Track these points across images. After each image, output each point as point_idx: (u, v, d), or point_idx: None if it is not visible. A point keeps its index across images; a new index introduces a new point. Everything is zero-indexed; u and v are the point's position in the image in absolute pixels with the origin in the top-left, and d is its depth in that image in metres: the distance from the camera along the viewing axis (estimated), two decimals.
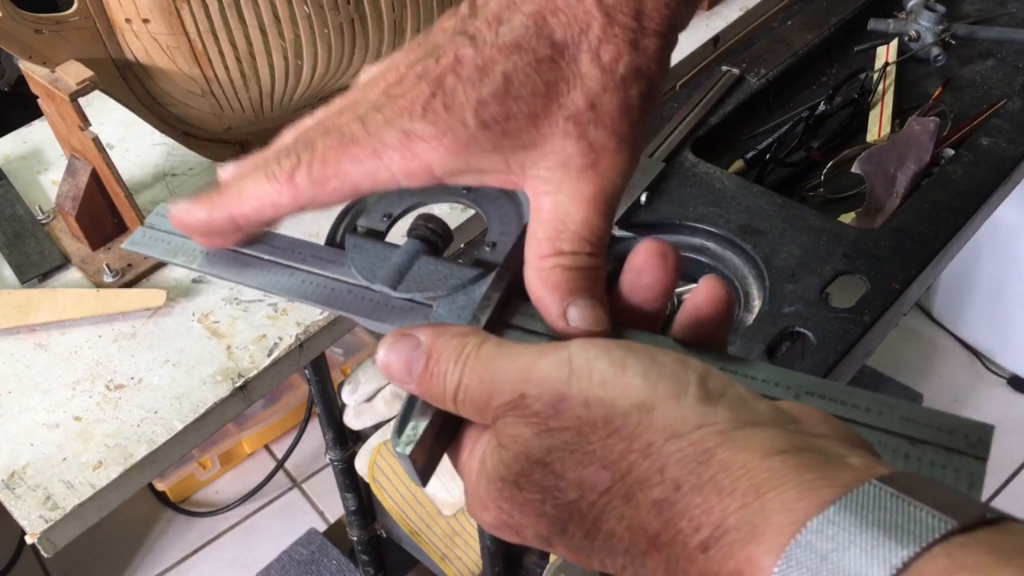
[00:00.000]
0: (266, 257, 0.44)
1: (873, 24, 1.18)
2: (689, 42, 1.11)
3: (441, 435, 0.37)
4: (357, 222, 0.45)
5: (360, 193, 0.39)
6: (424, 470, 0.37)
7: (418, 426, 0.36)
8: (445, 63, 0.37)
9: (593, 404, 0.31)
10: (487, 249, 0.43)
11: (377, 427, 1.25)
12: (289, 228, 0.44)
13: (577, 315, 0.37)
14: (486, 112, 0.37)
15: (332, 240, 0.45)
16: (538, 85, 0.37)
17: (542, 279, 0.38)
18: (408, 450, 0.35)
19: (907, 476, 0.27)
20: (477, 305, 0.39)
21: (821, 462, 0.28)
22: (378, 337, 0.38)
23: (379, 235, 0.45)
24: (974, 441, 0.33)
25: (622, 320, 0.39)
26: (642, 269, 0.38)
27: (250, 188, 0.41)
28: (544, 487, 0.32)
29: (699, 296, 0.37)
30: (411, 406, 0.36)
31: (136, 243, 0.48)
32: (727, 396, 0.31)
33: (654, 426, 0.30)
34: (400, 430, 0.36)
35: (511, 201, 0.44)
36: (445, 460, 0.38)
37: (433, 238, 0.43)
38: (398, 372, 0.35)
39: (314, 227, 0.58)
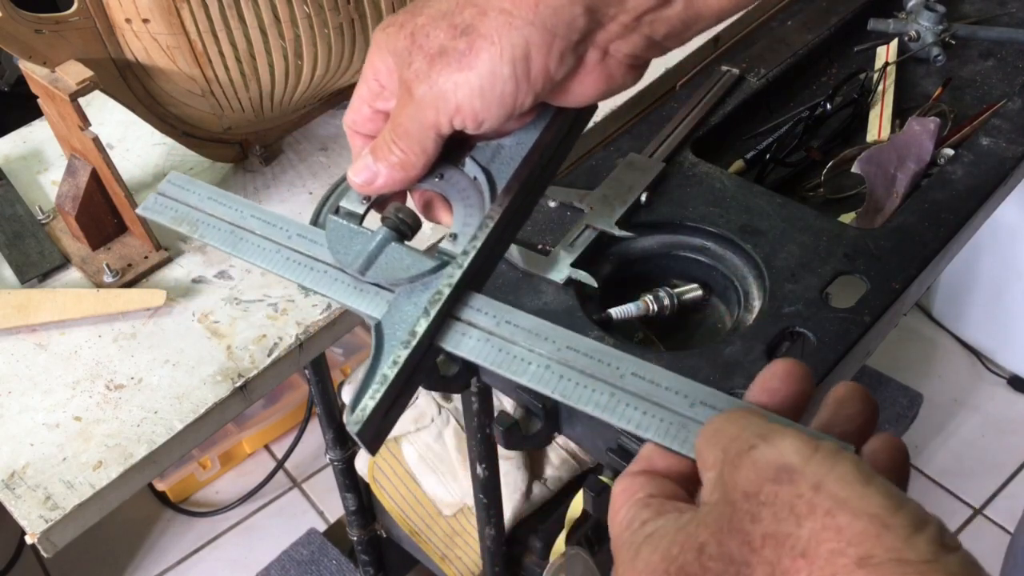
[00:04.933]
0: (258, 232, 0.48)
1: (873, 24, 1.18)
2: (689, 42, 1.11)
3: (391, 414, 0.42)
4: (340, 203, 0.49)
5: None
6: (372, 443, 0.42)
7: (367, 407, 0.41)
8: None
9: (824, 493, 0.29)
10: (448, 239, 0.46)
11: None
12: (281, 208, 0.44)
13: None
14: None
15: (316, 220, 0.49)
16: None
17: None
18: (356, 428, 0.41)
19: None
20: (429, 299, 0.43)
21: None
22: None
23: (357, 217, 0.49)
24: None
25: None
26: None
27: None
28: (729, 559, 0.30)
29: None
30: (365, 386, 0.41)
31: (148, 208, 0.51)
32: (960, 551, 0.29)
33: (881, 543, 0.28)
34: (352, 408, 0.41)
35: (477, 192, 0.48)
36: (445, 459, 0.39)
37: (403, 227, 0.47)
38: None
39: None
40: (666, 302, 0.85)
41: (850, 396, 0.36)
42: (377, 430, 0.42)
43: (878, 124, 1.06)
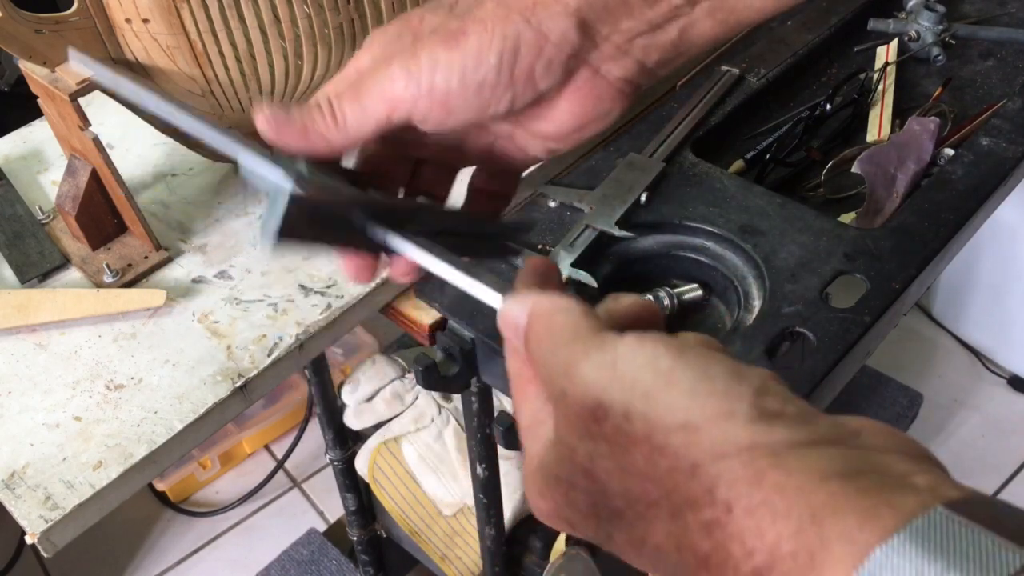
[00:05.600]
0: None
1: (873, 24, 1.18)
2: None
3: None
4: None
5: None
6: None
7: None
8: None
9: (634, 418, 0.30)
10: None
11: (377, 427, 1.25)
12: None
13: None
14: None
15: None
16: None
17: None
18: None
19: (978, 500, 0.26)
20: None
21: (884, 485, 0.27)
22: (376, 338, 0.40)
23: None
24: None
25: None
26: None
27: None
28: (591, 491, 0.31)
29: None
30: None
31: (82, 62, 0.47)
32: (784, 415, 0.29)
33: (700, 446, 0.28)
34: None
35: None
36: (445, 459, 0.39)
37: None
38: (509, 328, 0.36)
39: None
40: (666, 302, 0.85)
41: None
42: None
43: (878, 124, 1.06)
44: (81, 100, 0.82)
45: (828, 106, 1.05)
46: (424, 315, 0.86)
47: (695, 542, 0.28)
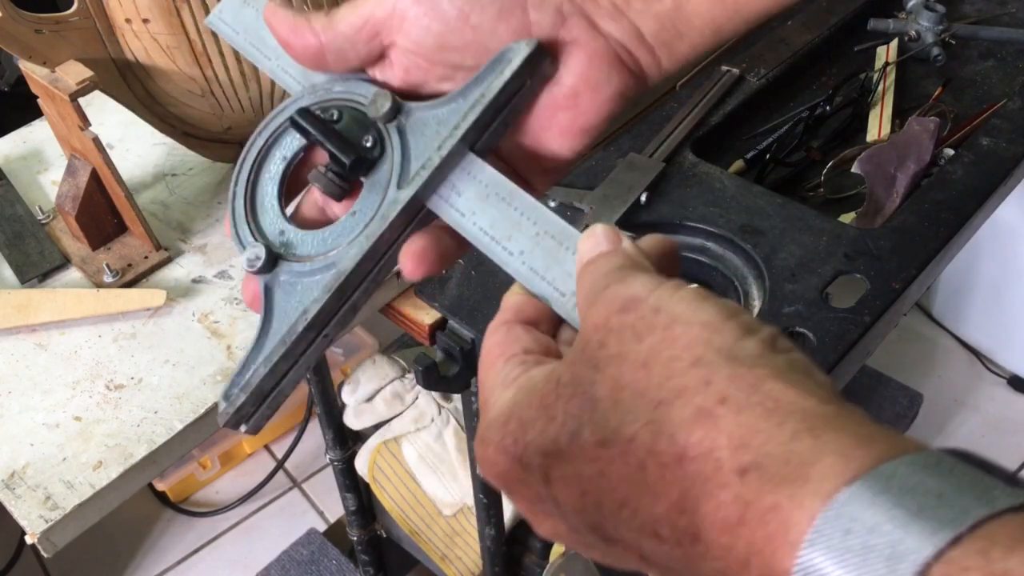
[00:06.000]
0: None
1: (873, 24, 1.18)
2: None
3: (268, 402, 0.40)
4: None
5: None
6: (249, 430, 0.40)
7: (238, 398, 0.39)
8: None
9: (663, 311, 0.31)
10: (349, 217, 0.41)
11: (377, 427, 1.25)
12: None
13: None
14: None
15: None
16: None
17: None
18: (224, 420, 0.39)
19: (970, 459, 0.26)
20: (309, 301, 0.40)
21: (876, 424, 0.26)
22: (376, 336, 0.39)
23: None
24: None
25: None
26: None
27: None
28: (578, 382, 0.31)
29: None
30: (245, 366, 0.39)
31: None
32: (792, 354, 0.30)
33: (712, 344, 0.29)
34: (226, 395, 0.39)
35: (387, 166, 0.43)
36: (445, 460, 0.39)
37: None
38: (593, 240, 0.38)
39: None
40: None
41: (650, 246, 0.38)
42: (253, 418, 0.40)
43: (878, 124, 1.06)
44: (81, 100, 0.82)
45: (828, 106, 1.05)
46: (424, 315, 0.86)
47: (677, 432, 0.27)
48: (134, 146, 1.05)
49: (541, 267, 0.39)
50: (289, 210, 0.43)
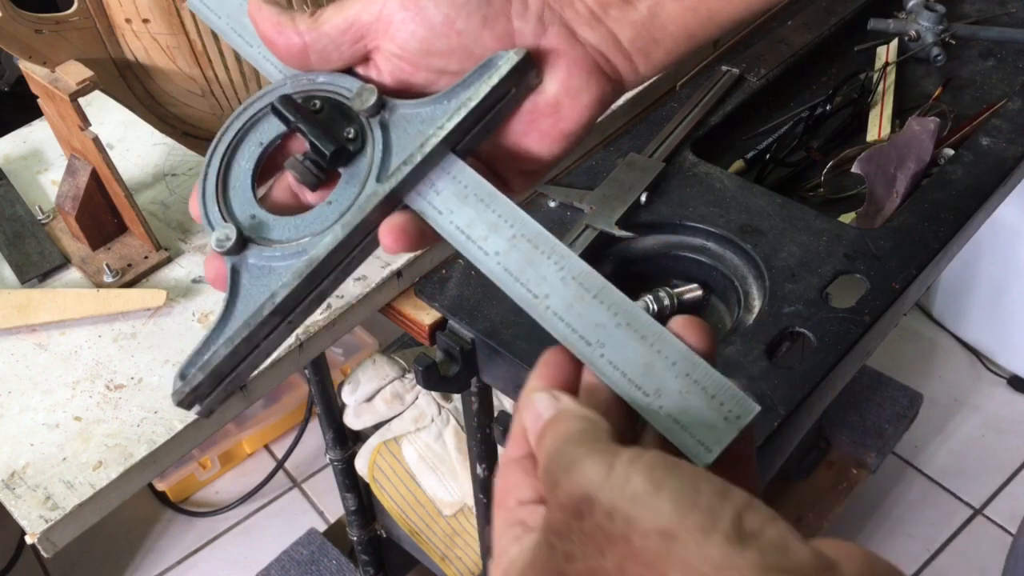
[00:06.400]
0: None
1: (873, 24, 1.18)
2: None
3: (223, 386, 0.41)
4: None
5: None
6: (202, 412, 0.42)
7: (196, 377, 0.40)
8: None
9: (617, 517, 0.29)
10: (324, 207, 0.42)
11: (377, 427, 1.25)
12: None
13: None
14: None
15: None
16: None
17: None
18: (178, 399, 0.40)
19: None
20: (273, 289, 0.41)
21: None
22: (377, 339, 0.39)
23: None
24: (731, 416, 0.35)
25: None
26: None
27: None
28: None
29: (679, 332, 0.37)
30: (203, 347, 0.40)
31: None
32: (763, 538, 0.28)
33: (673, 557, 0.28)
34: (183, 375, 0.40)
35: (367, 159, 0.43)
36: (445, 460, 0.39)
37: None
38: (529, 422, 0.36)
39: None
40: (666, 302, 0.85)
41: (682, 328, 0.37)
42: (207, 399, 0.41)
43: (878, 124, 1.06)
44: (81, 100, 0.82)
45: (828, 106, 1.05)
46: (424, 315, 0.86)
47: None
48: (134, 146, 1.05)
49: (516, 269, 0.39)
50: (259, 194, 0.44)
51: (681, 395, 0.35)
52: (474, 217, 0.40)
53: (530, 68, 0.42)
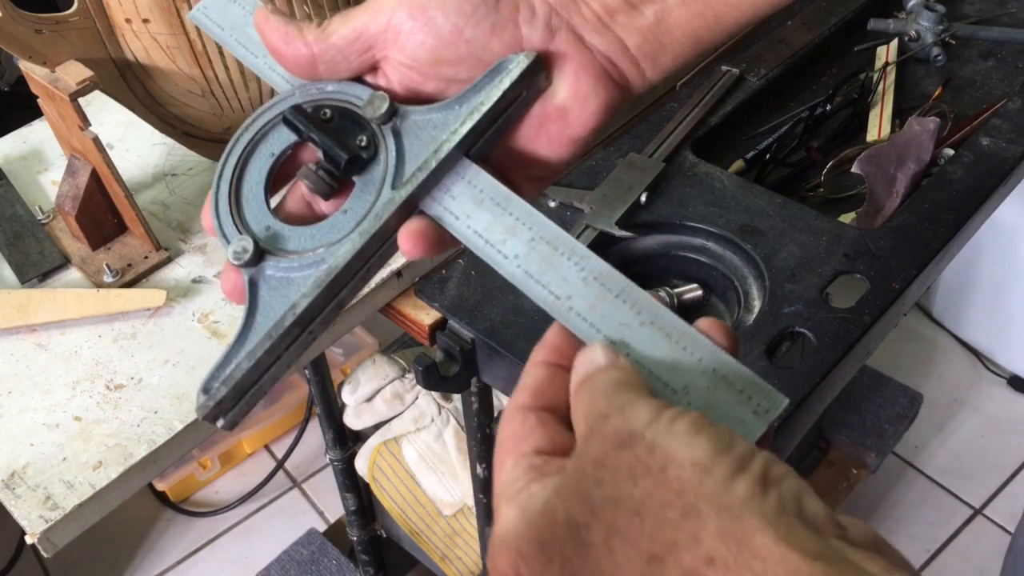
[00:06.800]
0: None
1: (873, 24, 1.18)
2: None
3: (247, 398, 0.40)
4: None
5: None
6: (227, 425, 0.40)
7: (220, 391, 0.39)
8: None
9: (657, 451, 0.31)
10: (340, 216, 0.42)
11: (377, 427, 1.25)
12: None
13: None
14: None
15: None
16: None
17: None
18: (203, 413, 0.39)
19: None
20: (294, 299, 0.40)
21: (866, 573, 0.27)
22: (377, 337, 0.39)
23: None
24: (760, 410, 0.35)
25: None
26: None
27: None
28: (573, 523, 0.31)
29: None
30: (225, 360, 0.40)
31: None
32: (783, 486, 0.30)
33: (703, 487, 0.30)
34: (206, 389, 0.39)
35: (381, 166, 0.43)
36: (445, 460, 0.39)
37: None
38: (581, 364, 0.37)
39: None
40: (666, 302, 0.85)
41: (708, 328, 0.38)
42: (231, 412, 0.40)
43: (878, 124, 1.06)
44: (81, 100, 0.82)
45: (828, 106, 1.05)
46: (424, 315, 0.86)
47: None
48: (134, 146, 1.05)
49: (536, 271, 0.39)
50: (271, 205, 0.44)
51: (709, 391, 0.36)
52: (492, 221, 0.40)
53: (540, 71, 0.42)
